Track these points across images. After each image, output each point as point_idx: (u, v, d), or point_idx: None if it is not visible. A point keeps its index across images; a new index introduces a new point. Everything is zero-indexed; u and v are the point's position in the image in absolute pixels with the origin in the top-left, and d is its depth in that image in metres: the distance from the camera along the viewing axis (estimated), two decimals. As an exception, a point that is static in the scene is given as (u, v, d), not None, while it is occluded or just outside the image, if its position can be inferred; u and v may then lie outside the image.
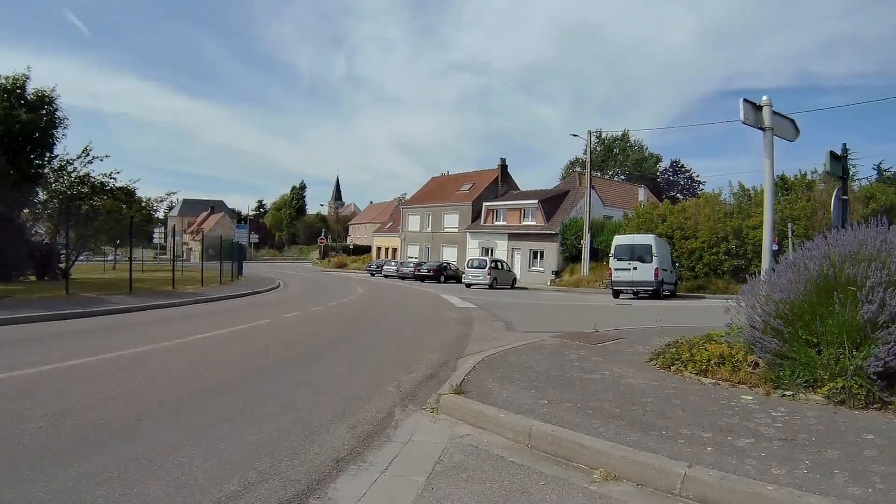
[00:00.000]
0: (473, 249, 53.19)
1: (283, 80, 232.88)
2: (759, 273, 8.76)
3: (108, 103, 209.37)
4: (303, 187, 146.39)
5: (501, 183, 57.99)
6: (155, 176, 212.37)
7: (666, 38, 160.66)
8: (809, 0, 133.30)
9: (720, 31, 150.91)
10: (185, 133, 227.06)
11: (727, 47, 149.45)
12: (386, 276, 52.81)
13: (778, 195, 35.85)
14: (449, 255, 57.26)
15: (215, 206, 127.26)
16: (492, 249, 51.35)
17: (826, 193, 34.69)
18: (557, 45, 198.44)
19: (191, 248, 70.61)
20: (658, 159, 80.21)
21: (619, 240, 30.79)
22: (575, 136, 42.16)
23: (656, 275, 28.60)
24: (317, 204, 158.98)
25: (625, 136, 77.01)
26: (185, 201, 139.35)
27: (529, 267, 48.17)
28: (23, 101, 23.71)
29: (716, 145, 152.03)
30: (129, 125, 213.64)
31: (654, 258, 28.73)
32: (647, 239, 30.02)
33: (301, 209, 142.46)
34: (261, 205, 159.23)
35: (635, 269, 28.85)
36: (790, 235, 31.54)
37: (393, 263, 55.49)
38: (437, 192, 65.01)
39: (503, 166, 59.11)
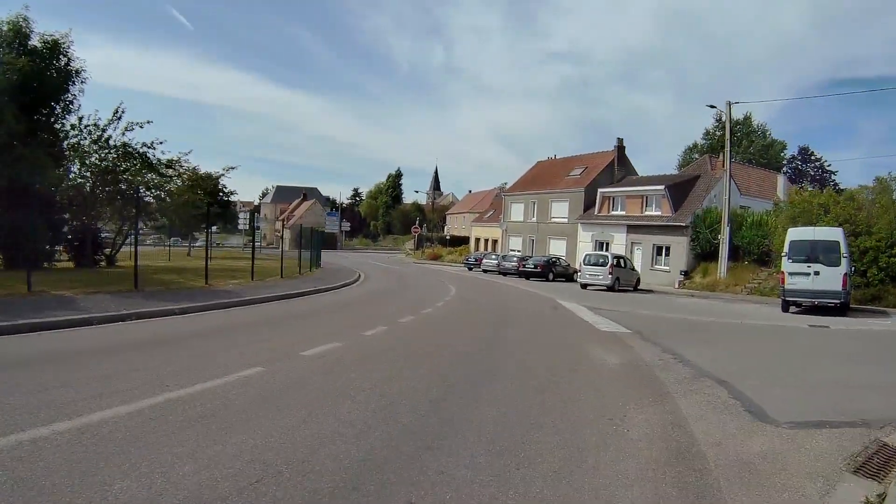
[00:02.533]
0: (585, 243, 46.90)
1: (380, 71, 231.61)
2: None
3: (210, 94, 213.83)
4: (399, 175, 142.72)
5: (618, 167, 50.77)
6: (255, 165, 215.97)
7: (773, 21, 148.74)
8: None
9: (833, 14, 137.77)
10: (285, 123, 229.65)
11: (840, 31, 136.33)
12: (485, 272, 47.68)
13: None
14: (556, 248, 51.01)
15: (308, 194, 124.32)
16: (607, 243, 44.94)
17: None
18: (658, 31, 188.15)
19: (283, 237, 67.48)
20: (784, 146, 72.10)
21: (795, 234, 23.75)
22: (712, 106, 35.35)
23: (845, 283, 21.87)
24: (414, 193, 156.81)
25: (747, 119, 68.98)
26: (279, 188, 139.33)
27: (652, 265, 41.45)
28: (25, 50, 20.07)
29: (834, 134, 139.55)
30: (229, 115, 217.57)
31: (843, 260, 21.98)
32: (834, 234, 23.07)
33: (397, 198, 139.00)
34: (356, 193, 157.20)
35: (817, 274, 22.13)
36: None
37: (494, 257, 50.16)
38: (543, 177, 58.35)
39: (620, 147, 51.57)
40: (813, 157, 70.34)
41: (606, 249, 42.61)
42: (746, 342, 14.09)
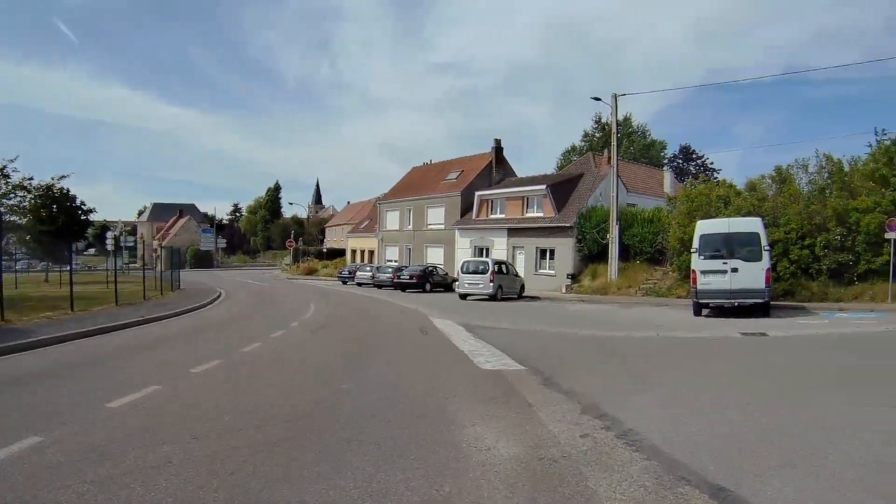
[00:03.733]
0: (464, 249, 42.28)
1: (269, 85, 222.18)
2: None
3: (97, 111, 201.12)
4: (277, 189, 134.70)
5: (496, 169, 46.57)
6: (141, 183, 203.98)
7: (654, 34, 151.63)
8: None
9: (709, 26, 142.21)
10: (170, 139, 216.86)
11: (715, 42, 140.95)
12: (360, 285, 42.82)
13: (893, 162, 25.20)
14: (434, 256, 46.25)
15: (183, 210, 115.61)
16: (487, 248, 40.54)
17: None
18: (543, 42, 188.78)
19: (160, 256, 61.50)
20: (664, 145, 70.93)
21: (706, 227, 20.23)
22: (597, 99, 31.45)
23: (768, 279, 18.72)
24: (297, 207, 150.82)
25: (627, 120, 66.60)
26: (156, 206, 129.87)
27: (537, 269, 37.16)
28: None
29: (713, 137, 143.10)
30: (114, 132, 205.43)
31: (764, 254, 18.74)
32: (752, 225, 19.72)
33: (276, 212, 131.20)
34: (236, 208, 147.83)
35: (735, 271, 18.87)
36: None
37: (368, 268, 45.23)
38: (418, 183, 53.51)
39: (498, 148, 47.44)
40: (694, 156, 69.25)
41: (487, 255, 38.31)
42: (688, 372, 9.56)
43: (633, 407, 6.82)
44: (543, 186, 37.24)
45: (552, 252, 36.20)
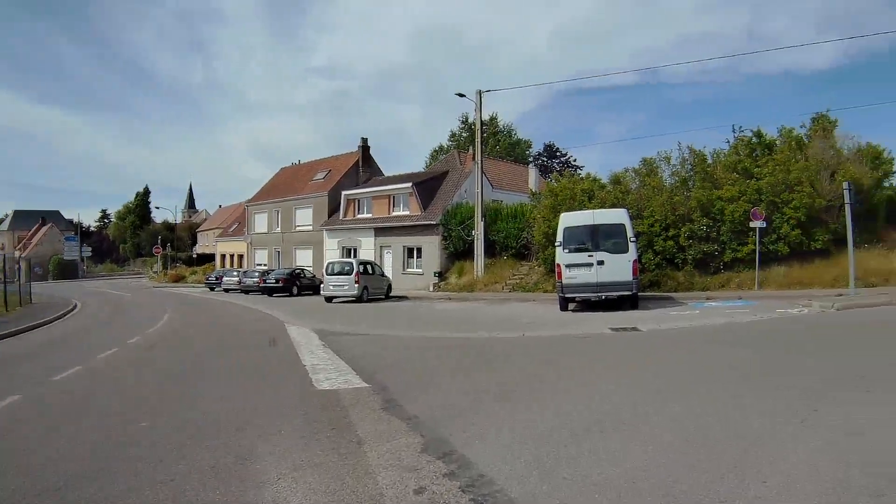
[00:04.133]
0: (333, 250, 40.95)
1: (142, 86, 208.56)
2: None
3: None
4: (147, 193, 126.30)
5: (363, 168, 45.43)
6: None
7: (523, 38, 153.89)
8: (662, 1, 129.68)
9: (576, 31, 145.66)
10: (36, 141, 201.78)
11: (582, 46, 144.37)
12: (227, 290, 40.59)
13: (755, 154, 25.85)
14: (303, 258, 44.51)
15: (46, 218, 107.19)
16: (355, 249, 39.32)
17: (831, 150, 25.09)
18: (414, 47, 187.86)
19: (20, 268, 56.05)
20: (529, 144, 71.47)
21: (570, 220, 19.69)
22: (461, 95, 30.92)
23: (635, 271, 18.60)
24: (169, 213, 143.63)
25: (493, 119, 66.90)
26: (18, 213, 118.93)
27: (405, 268, 36.40)
28: None
29: (578, 138, 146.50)
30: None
31: (630, 245, 18.53)
32: (617, 216, 19.42)
33: (146, 217, 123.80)
34: (105, 215, 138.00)
35: (601, 263, 18.43)
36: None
37: (234, 273, 42.90)
38: (286, 184, 51.55)
39: (365, 147, 46.27)
40: (558, 153, 70.08)
41: (354, 255, 37.10)
42: (561, 379, 8.47)
43: (490, 437, 5.57)
44: (409, 185, 36.41)
45: (419, 251, 35.48)
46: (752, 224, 22.47)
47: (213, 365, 11.45)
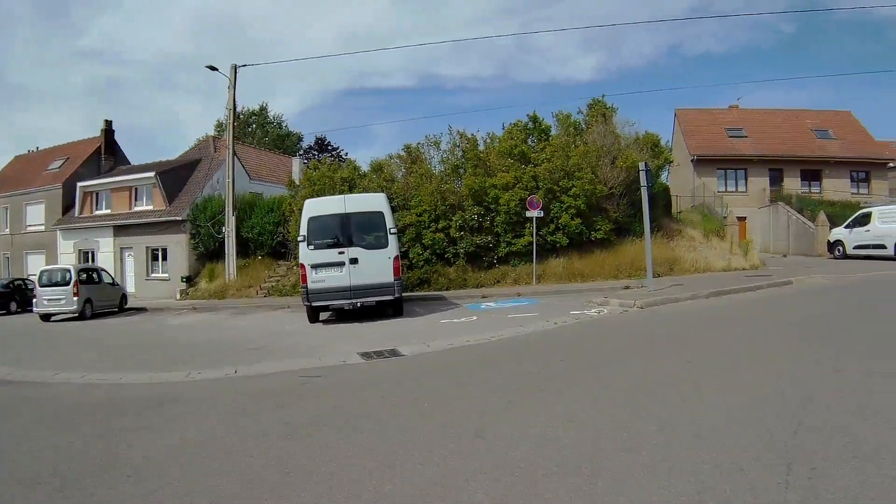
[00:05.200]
0: (68, 254, 33.16)
1: None
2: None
3: None
4: None
5: (106, 155, 37.35)
6: None
7: (306, 36, 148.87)
8: (439, 9, 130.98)
9: (359, 32, 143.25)
10: None
11: (364, 46, 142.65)
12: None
13: (530, 140, 23.14)
14: (36, 265, 35.29)
15: None
16: (93, 252, 32.22)
17: (611, 136, 22.80)
18: (197, 35, 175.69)
19: None
20: (300, 137, 67.04)
21: (315, 208, 15.03)
22: (213, 69, 25.75)
23: (397, 270, 14.65)
24: None
25: (263, 109, 62.24)
26: None
27: (149, 273, 30.05)
28: None
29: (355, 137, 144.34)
30: None
31: (390, 238, 14.65)
32: (374, 202, 15.28)
33: None
34: None
35: (354, 262, 14.35)
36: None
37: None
38: (18, 175, 41.54)
39: (108, 130, 38.02)
40: (330, 147, 66.32)
41: (92, 260, 30.76)
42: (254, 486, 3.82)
43: None
44: (152, 174, 29.86)
45: (165, 252, 29.36)
46: (528, 214, 19.80)
47: None
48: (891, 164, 40.05)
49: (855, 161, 38.10)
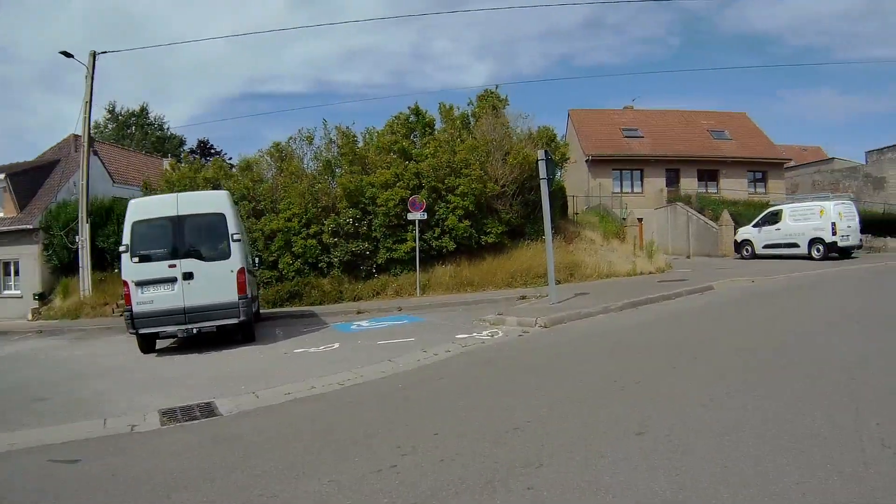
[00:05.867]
0: None
1: None
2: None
3: None
4: None
5: None
6: None
7: (201, 36, 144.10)
8: (333, 15, 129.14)
9: (253, 35, 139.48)
10: None
11: (258, 51, 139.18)
12: None
13: (413, 135, 21.21)
14: None
15: None
16: (-65, 268, 28.41)
17: (502, 129, 20.84)
18: (90, 33, 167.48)
19: None
20: (182, 141, 63.58)
21: (140, 211, 12.07)
22: (67, 55, 22.51)
23: (243, 286, 11.79)
24: None
25: (143, 110, 58.31)
26: None
27: (1, 290, 26.54)
28: None
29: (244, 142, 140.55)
30: None
31: (233, 246, 11.85)
32: (213, 201, 12.56)
33: None
34: None
35: (189, 277, 11.61)
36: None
37: None
38: None
39: None
40: (213, 150, 63.12)
41: (-66, 277, 27.11)
42: None
43: None
44: (2, 176, 26.24)
45: (17, 265, 26.00)
46: (410, 216, 17.72)
47: None
48: (787, 165, 40.29)
49: (752, 161, 37.98)
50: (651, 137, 38.49)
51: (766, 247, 24.32)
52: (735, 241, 26.47)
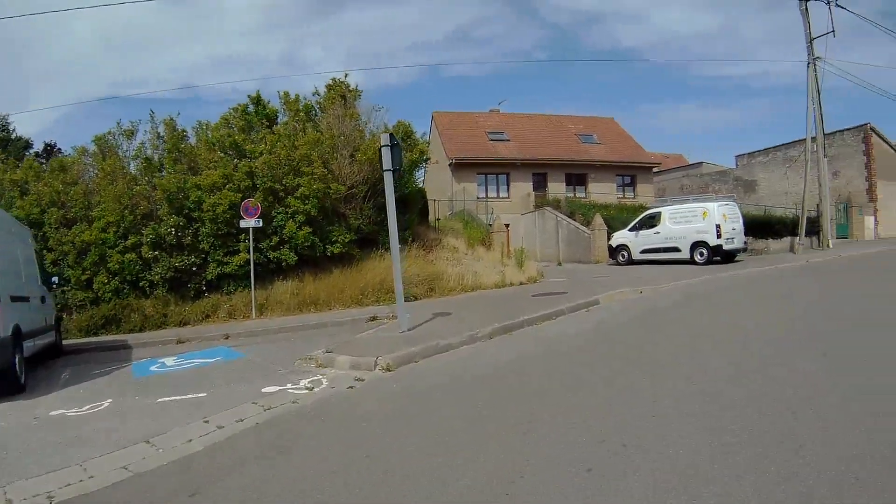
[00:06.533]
0: None
1: None
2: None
3: None
4: None
5: None
6: None
7: (62, 35, 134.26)
8: (205, 21, 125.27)
9: (118, 37, 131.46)
10: None
11: (122, 53, 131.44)
12: None
13: (252, 130, 17.85)
14: None
15: None
16: None
17: (351, 122, 18.09)
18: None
19: None
20: (28, 143, 57.12)
21: None
22: None
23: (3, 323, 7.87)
24: None
25: None
26: None
27: None
28: None
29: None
30: None
31: None
32: None
33: None
34: None
35: None
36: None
37: None
38: None
39: None
40: (60, 153, 57.76)
41: None
42: None
43: None
44: None
45: None
46: (243, 223, 14.74)
47: None
48: (655, 169, 40.12)
49: (621, 165, 37.40)
50: (518, 141, 37.08)
51: (644, 252, 22.81)
52: (610, 245, 24.89)
